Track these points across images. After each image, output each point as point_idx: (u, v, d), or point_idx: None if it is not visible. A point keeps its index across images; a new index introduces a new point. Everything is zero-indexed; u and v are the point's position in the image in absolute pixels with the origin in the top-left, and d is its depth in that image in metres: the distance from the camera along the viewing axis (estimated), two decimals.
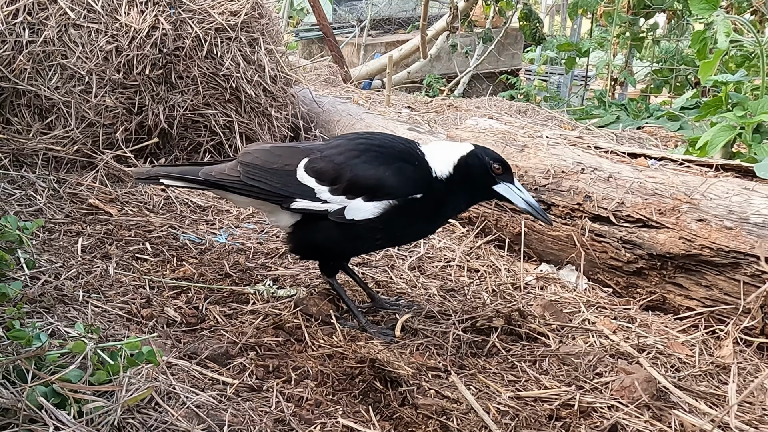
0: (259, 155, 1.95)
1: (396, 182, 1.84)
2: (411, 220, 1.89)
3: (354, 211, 1.85)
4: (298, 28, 9.85)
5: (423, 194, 1.86)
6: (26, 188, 2.77)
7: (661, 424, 1.62)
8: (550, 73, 9.20)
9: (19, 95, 3.09)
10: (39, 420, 1.33)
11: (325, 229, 1.89)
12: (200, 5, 3.32)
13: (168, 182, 2.06)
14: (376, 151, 1.89)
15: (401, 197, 1.84)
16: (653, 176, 2.29)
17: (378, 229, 1.87)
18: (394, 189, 1.84)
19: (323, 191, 1.86)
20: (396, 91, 6.96)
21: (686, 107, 5.23)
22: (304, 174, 1.88)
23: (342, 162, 1.87)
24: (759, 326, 1.98)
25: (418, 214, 1.88)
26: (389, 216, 1.85)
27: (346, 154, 1.89)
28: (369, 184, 1.84)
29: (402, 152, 1.91)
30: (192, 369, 1.68)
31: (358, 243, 1.94)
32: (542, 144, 2.62)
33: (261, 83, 3.39)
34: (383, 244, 2.04)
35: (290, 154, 1.94)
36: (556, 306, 2.17)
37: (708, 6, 3.33)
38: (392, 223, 1.87)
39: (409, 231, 1.96)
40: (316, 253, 2.02)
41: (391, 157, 1.88)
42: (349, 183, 1.84)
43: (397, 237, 1.98)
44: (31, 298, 1.88)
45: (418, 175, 1.87)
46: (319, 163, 1.89)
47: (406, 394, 1.66)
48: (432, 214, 1.92)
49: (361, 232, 1.87)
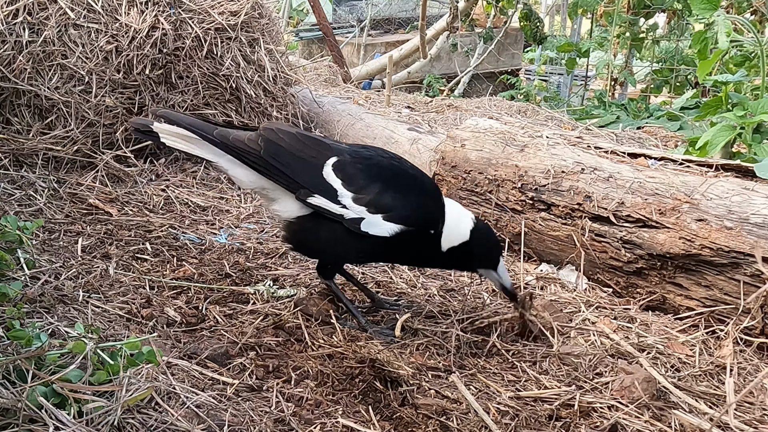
0: (285, 137, 1.88)
1: (420, 214, 1.88)
2: (416, 248, 1.92)
3: (371, 225, 1.84)
4: (298, 28, 9.84)
5: (435, 231, 1.90)
6: (26, 188, 2.77)
7: (661, 424, 1.62)
8: (550, 73, 9.19)
9: (19, 95, 3.09)
10: (39, 420, 1.33)
11: (334, 231, 1.87)
12: (200, 5, 3.32)
13: (168, 135, 1.88)
14: (409, 179, 1.92)
15: (418, 227, 1.88)
16: (653, 176, 2.29)
17: (385, 247, 1.89)
18: (416, 219, 1.87)
19: (347, 196, 1.84)
20: (396, 91, 6.95)
21: (686, 107, 5.23)
22: (331, 172, 1.85)
23: (375, 175, 1.87)
24: (759, 326, 1.98)
25: (423, 246, 1.91)
26: (401, 238, 1.86)
27: (380, 170, 1.89)
28: (395, 205, 1.85)
29: (430, 189, 1.96)
30: (192, 369, 1.68)
31: (361, 253, 1.94)
32: (542, 144, 2.62)
33: (261, 83, 3.40)
34: (382, 258, 2.09)
35: (318, 147, 1.90)
36: (556, 306, 2.17)
37: (709, 6, 3.33)
38: (400, 245, 1.89)
39: (409, 255, 1.99)
40: (312, 251, 2.01)
41: (423, 187, 1.94)
42: (376, 198, 1.84)
43: (396, 256, 2.01)
44: (31, 298, 1.88)
45: (438, 215, 1.91)
46: (350, 168, 1.86)
47: (406, 394, 1.66)
48: (429, 256, 1.96)
49: (368, 245, 1.88)
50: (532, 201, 2.52)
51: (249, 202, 2.99)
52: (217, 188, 3.10)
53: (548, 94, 7.75)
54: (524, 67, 10.32)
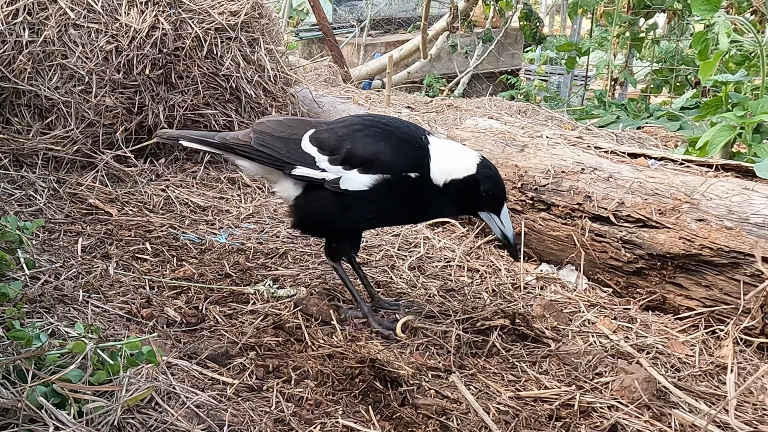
0: (271, 124, 2.04)
1: (392, 158, 1.88)
2: (402, 199, 1.92)
3: (348, 181, 1.89)
4: (298, 28, 9.84)
5: (418, 174, 1.88)
6: (26, 188, 2.77)
7: (661, 424, 1.62)
8: (550, 73, 9.20)
9: (19, 95, 3.09)
10: (39, 420, 1.33)
11: (322, 199, 1.94)
12: (200, 5, 3.32)
13: (187, 144, 2.14)
14: (378, 128, 1.94)
15: (395, 173, 1.88)
16: (653, 176, 2.29)
17: (370, 202, 1.90)
18: (389, 164, 1.88)
19: (323, 160, 1.91)
20: (396, 91, 6.95)
21: (686, 107, 5.23)
22: (308, 143, 1.95)
23: (344, 134, 1.94)
24: (759, 326, 1.98)
25: (409, 193, 1.90)
26: (381, 190, 1.88)
27: (349, 128, 1.96)
28: (366, 156, 1.88)
29: (405, 133, 1.95)
30: (192, 369, 1.68)
31: (350, 215, 1.96)
32: (542, 144, 2.62)
33: (261, 83, 3.39)
34: (374, 219, 2.07)
35: (299, 126, 2.04)
36: (556, 306, 2.17)
37: (709, 7, 3.33)
38: (383, 198, 1.90)
39: (400, 209, 1.98)
40: (314, 228, 2.06)
41: (393, 134, 1.93)
42: (347, 154, 1.89)
43: (387, 213, 2.00)
44: (31, 298, 1.88)
45: (416, 157, 1.90)
46: (323, 134, 1.96)
47: (406, 394, 1.66)
48: (422, 202, 1.94)
49: (353, 203, 1.91)
50: (532, 201, 2.52)
51: (249, 202, 2.99)
52: (217, 188, 3.10)
53: (548, 94, 7.76)
54: (524, 67, 10.32)
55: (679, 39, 6.69)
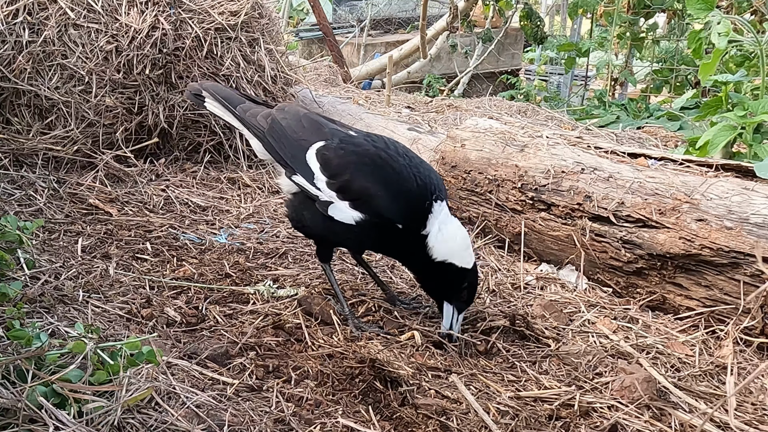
0: (289, 118, 1.99)
1: (384, 204, 1.85)
2: (384, 239, 1.92)
3: (337, 210, 1.88)
4: (298, 28, 9.84)
5: (404, 225, 1.86)
6: (26, 188, 2.77)
7: (661, 424, 1.62)
8: (550, 73, 9.20)
9: (19, 95, 3.09)
10: (39, 420, 1.33)
11: (313, 210, 1.93)
12: (200, 5, 3.32)
13: (210, 106, 2.11)
14: (388, 169, 1.87)
15: (383, 219, 1.86)
16: (653, 176, 2.29)
17: (352, 232, 1.90)
18: (379, 212, 1.85)
19: (321, 180, 1.89)
20: (396, 91, 6.95)
21: (686, 107, 5.22)
22: (313, 156, 1.91)
23: (349, 162, 1.88)
24: (759, 326, 1.98)
25: (391, 237, 1.89)
26: (364, 228, 1.87)
27: (359, 154, 1.89)
28: (361, 193, 1.86)
29: (408, 190, 1.87)
30: (192, 369, 1.68)
31: (332, 236, 1.98)
32: (542, 144, 2.62)
33: (261, 83, 3.39)
34: (353, 245, 2.10)
35: (312, 131, 1.97)
36: (556, 306, 2.17)
37: (704, 6, 3.33)
38: (365, 234, 1.90)
39: (380, 246, 2.02)
40: (303, 229, 2.07)
41: (398, 182, 1.86)
42: (344, 184, 1.87)
43: (366, 245, 2.03)
44: (31, 298, 1.88)
45: (411, 206, 1.86)
46: (330, 152, 1.90)
47: (406, 394, 1.66)
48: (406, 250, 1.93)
49: (336, 228, 1.92)
50: (532, 201, 2.52)
51: (249, 202, 2.99)
52: (217, 188, 3.10)
53: (548, 94, 7.76)
54: (524, 67, 10.32)
55: (679, 39, 6.69)
